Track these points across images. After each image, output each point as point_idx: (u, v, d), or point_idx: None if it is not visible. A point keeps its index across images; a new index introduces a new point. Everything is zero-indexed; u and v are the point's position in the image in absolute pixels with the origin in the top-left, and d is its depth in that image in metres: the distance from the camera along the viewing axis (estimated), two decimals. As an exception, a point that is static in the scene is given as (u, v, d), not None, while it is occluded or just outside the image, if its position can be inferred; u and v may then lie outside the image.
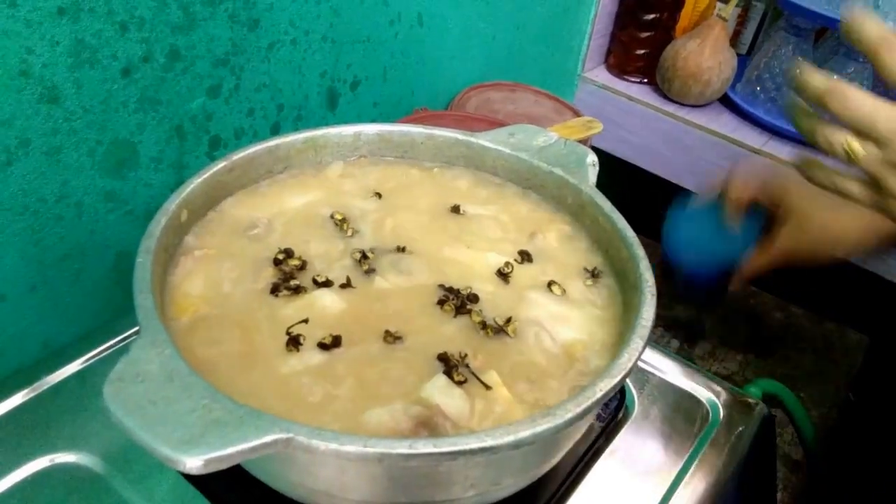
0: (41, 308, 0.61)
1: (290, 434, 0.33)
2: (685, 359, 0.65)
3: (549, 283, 0.51)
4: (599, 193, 0.54)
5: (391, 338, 0.45)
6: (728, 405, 0.61)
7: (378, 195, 0.58)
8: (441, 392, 0.41)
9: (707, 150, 1.19)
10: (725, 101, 1.25)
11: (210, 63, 0.64)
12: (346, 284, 0.49)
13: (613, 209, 0.53)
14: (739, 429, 0.59)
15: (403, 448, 0.34)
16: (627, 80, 1.30)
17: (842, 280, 1.08)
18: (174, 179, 0.66)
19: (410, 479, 0.39)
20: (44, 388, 0.55)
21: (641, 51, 1.27)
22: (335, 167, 0.60)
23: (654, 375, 0.63)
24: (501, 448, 0.35)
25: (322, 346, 0.44)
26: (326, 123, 0.60)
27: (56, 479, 0.49)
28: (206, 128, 0.67)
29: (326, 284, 0.49)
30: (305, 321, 0.45)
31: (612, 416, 0.57)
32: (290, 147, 0.58)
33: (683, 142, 1.21)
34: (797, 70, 0.49)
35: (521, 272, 0.52)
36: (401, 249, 0.53)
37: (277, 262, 0.50)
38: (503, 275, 0.51)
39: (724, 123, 1.21)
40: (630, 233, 0.50)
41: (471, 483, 0.40)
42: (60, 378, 0.56)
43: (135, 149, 0.62)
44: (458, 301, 0.48)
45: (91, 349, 0.58)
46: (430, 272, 0.51)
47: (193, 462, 0.32)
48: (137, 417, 0.33)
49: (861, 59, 1.09)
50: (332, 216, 0.55)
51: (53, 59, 0.53)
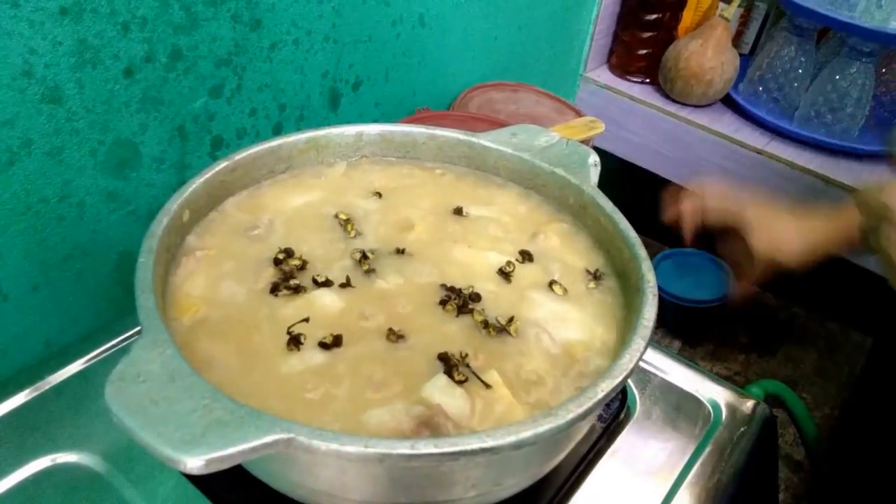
0: (43, 308, 0.61)
1: (291, 434, 0.33)
2: (687, 359, 0.65)
3: (551, 283, 0.51)
4: (601, 194, 0.54)
5: (394, 336, 0.45)
6: (730, 406, 0.61)
7: (379, 195, 0.58)
8: (442, 392, 0.41)
9: (709, 151, 1.19)
10: (728, 102, 1.25)
11: (212, 63, 0.64)
12: (346, 284, 0.49)
13: (615, 209, 0.53)
14: (741, 429, 0.59)
15: (405, 448, 0.34)
16: (629, 81, 1.30)
17: (844, 281, 1.08)
18: (176, 179, 0.66)
19: (412, 480, 0.39)
20: (46, 388, 0.55)
21: (644, 51, 1.27)
22: (337, 167, 0.60)
23: (656, 376, 0.63)
24: (503, 448, 0.35)
25: (323, 346, 0.44)
26: (328, 123, 0.60)
27: (58, 479, 0.49)
28: (209, 128, 0.67)
29: (326, 284, 0.49)
30: (306, 320, 0.45)
31: (614, 417, 0.57)
32: (292, 147, 0.58)
33: (685, 142, 1.21)
34: None
35: (523, 272, 0.52)
36: (400, 251, 0.53)
37: (278, 262, 0.50)
38: (505, 274, 0.51)
39: (727, 124, 1.20)
40: (632, 233, 0.50)
41: (472, 483, 0.40)
42: (63, 378, 0.56)
43: (137, 149, 0.62)
44: (461, 300, 0.48)
45: (93, 349, 0.59)
46: (432, 272, 0.51)
47: (194, 462, 0.32)
48: (138, 417, 0.33)
49: (864, 60, 1.08)
50: (337, 216, 0.55)
51: (56, 60, 0.53)
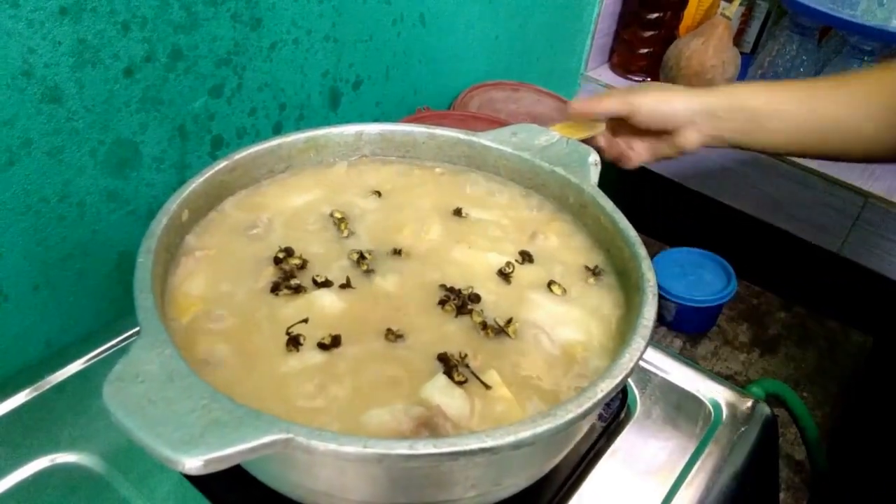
0: (44, 308, 0.61)
1: (290, 434, 0.33)
2: (687, 359, 0.65)
3: (550, 283, 0.50)
4: (601, 193, 0.54)
5: (393, 336, 0.45)
6: (731, 405, 0.61)
7: (378, 194, 0.58)
8: (441, 392, 0.41)
9: (710, 150, 1.18)
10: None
11: (212, 63, 0.64)
12: (346, 285, 0.49)
13: (615, 209, 0.52)
14: (742, 429, 0.59)
15: (403, 449, 0.34)
16: (631, 80, 1.30)
17: (845, 280, 1.08)
18: (176, 179, 0.66)
19: (411, 480, 0.39)
20: (46, 388, 0.55)
21: (645, 50, 1.26)
22: (337, 167, 0.60)
23: (657, 375, 0.62)
24: (502, 448, 0.35)
25: (321, 346, 0.44)
26: (328, 123, 0.60)
27: (57, 479, 0.49)
28: (209, 127, 0.67)
29: (326, 284, 0.48)
30: (305, 321, 0.45)
31: (614, 417, 0.57)
32: (292, 147, 0.58)
33: (686, 141, 1.20)
34: None
35: (523, 272, 0.52)
36: (399, 251, 0.52)
37: (278, 261, 0.50)
38: (504, 275, 0.51)
39: (728, 122, 1.20)
40: (632, 232, 0.50)
41: (472, 483, 0.40)
42: (63, 378, 0.56)
43: (137, 149, 0.62)
44: (460, 301, 0.48)
45: (93, 349, 0.59)
46: (431, 272, 0.51)
47: (193, 462, 0.32)
48: (137, 418, 0.33)
49: (865, 59, 1.08)
50: (332, 215, 0.55)
51: (55, 59, 0.53)
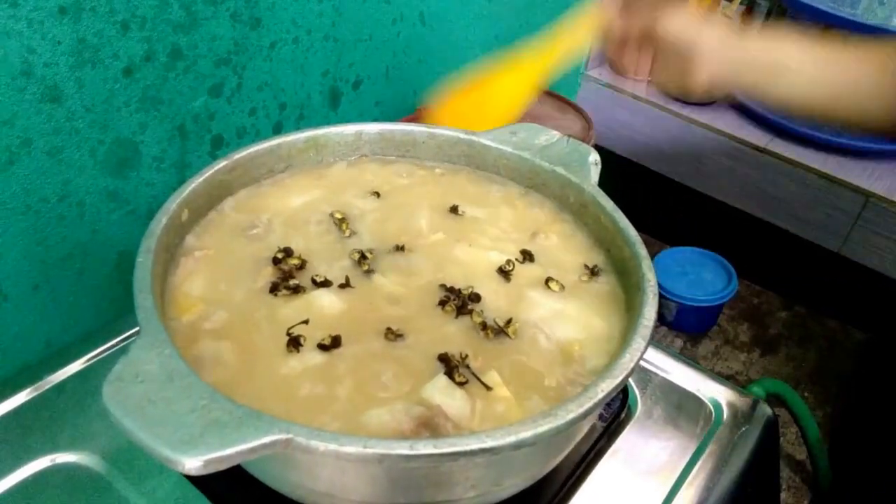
0: (44, 307, 0.61)
1: (290, 435, 0.33)
2: (688, 358, 0.65)
3: (547, 281, 0.50)
4: (602, 192, 0.54)
5: (393, 336, 0.45)
6: (731, 405, 0.61)
7: (378, 194, 0.58)
8: (442, 393, 0.41)
9: (711, 149, 1.19)
10: (729, 100, 1.25)
11: (212, 62, 0.64)
12: (346, 284, 0.49)
13: (615, 208, 0.52)
14: (743, 429, 0.59)
15: (404, 449, 0.34)
16: (631, 80, 1.30)
17: (846, 279, 1.08)
18: (176, 179, 0.66)
19: (411, 480, 0.39)
20: (46, 388, 0.55)
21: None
22: (337, 166, 0.60)
23: (657, 375, 0.62)
24: (502, 449, 0.35)
25: (322, 348, 0.44)
26: (328, 122, 0.60)
27: (57, 479, 0.49)
28: (209, 127, 0.67)
29: (325, 284, 0.48)
30: (306, 322, 0.45)
31: (615, 416, 0.57)
32: (292, 146, 0.57)
33: (687, 140, 1.21)
34: None
35: (523, 272, 0.52)
36: (400, 248, 0.52)
37: (277, 262, 0.50)
38: (504, 273, 0.51)
39: (728, 122, 1.20)
40: (632, 231, 0.50)
41: (472, 484, 0.40)
42: (63, 378, 0.56)
43: (137, 148, 0.62)
44: (460, 301, 0.48)
45: (93, 349, 0.59)
46: (431, 272, 0.51)
47: (193, 463, 0.31)
48: (137, 418, 0.33)
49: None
50: (332, 215, 0.55)
51: (55, 59, 0.53)
